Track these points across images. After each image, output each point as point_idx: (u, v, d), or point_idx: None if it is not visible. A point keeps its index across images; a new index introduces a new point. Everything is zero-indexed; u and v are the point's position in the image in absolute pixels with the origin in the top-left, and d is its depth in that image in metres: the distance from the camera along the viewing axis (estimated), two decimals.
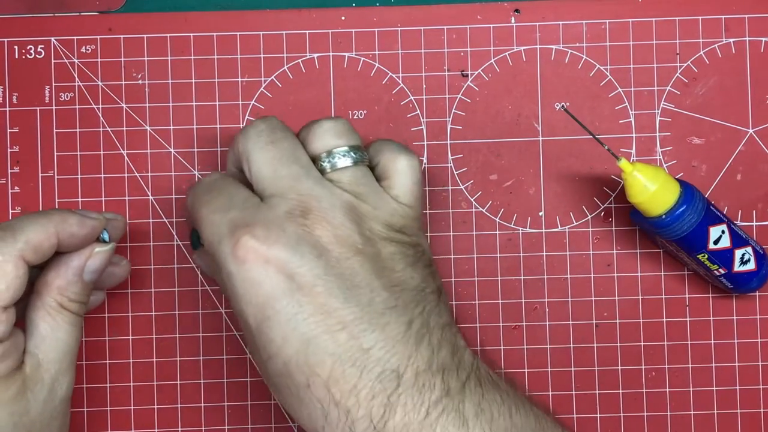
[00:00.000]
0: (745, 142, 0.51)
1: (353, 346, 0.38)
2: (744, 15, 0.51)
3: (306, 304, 0.38)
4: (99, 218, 0.44)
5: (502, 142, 0.51)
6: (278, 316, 0.38)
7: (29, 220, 0.41)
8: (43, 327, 0.43)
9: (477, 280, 0.50)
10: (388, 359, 0.38)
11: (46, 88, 0.51)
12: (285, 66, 0.51)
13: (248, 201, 0.41)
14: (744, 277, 0.48)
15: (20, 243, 0.40)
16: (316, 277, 0.38)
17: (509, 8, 0.51)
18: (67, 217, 0.42)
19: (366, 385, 0.38)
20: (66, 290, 0.43)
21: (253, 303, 0.39)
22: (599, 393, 0.50)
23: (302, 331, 0.38)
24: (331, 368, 0.38)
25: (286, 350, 0.38)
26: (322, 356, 0.38)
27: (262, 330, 0.39)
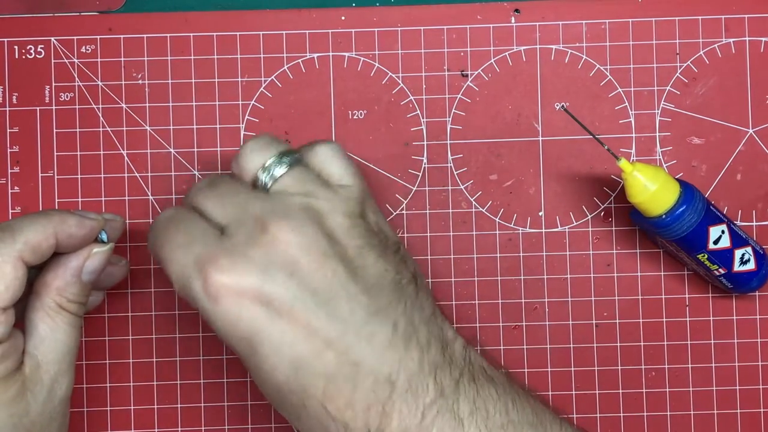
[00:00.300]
0: (745, 142, 0.51)
1: (342, 362, 0.38)
2: (744, 15, 0.51)
3: (288, 331, 0.38)
4: (97, 219, 0.44)
5: (502, 142, 0.51)
6: (263, 347, 0.38)
7: (28, 220, 0.42)
8: (42, 328, 0.43)
9: (477, 280, 0.50)
10: (379, 368, 0.38)
11: (46, 88, 0.51)
12: (285, 66, 0.51)
13: (207, 232, 0.40)
14: (744, 277, 0.48)
15: (19, 244, 0.40)
16: (293, 298, 0.38)
17: (509, 8, 0.51)
18: (66, 217, 0.42)
19: (360, 397, 0.38)
20: (65, 291, 0.43)
21: (237, 338, 0.38)
22: (599, 393, 0.50)
23: (290, 358, 0.38)
24: (324, 388, 0.38)
25: (277, 377, 0.38)
26: (312, 378, 0.38)
27: (250, 360, 0.39)
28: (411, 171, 0.51)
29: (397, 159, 0.51)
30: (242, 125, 0.51)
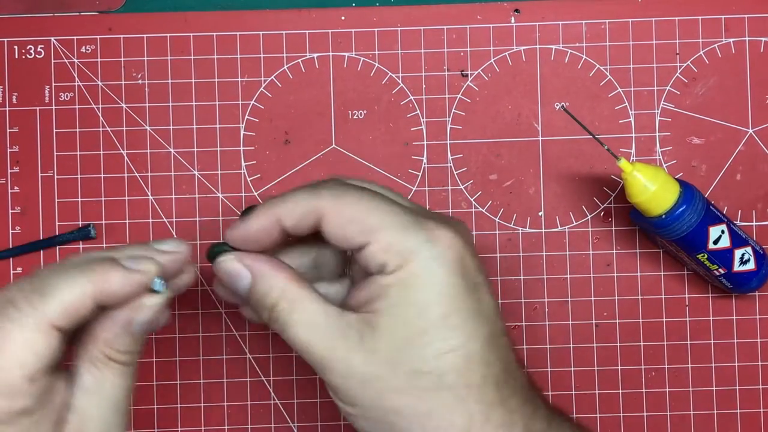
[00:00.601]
0: (745, 142, 0.51)
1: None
2: (744, 15, 0.51)
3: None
4: (148, 269, 0.38)
5: (502, 142, 0.51)
6: None
7: (63, 277, 0.36)
8: (87, 379, 0.38)
9: None
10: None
11: (45, 88, 0.51)
12: (285, 66, 0.51)
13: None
14: (744, 276, 0.48)
15: (51, 308, 0.36)
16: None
17: (509, 8, 0.51)
18: (108, 274, 0.37)
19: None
20: (113, 343, 0.38)
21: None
22: (599, 393, 0.50)
23: None
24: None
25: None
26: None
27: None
28: (411, 171, 0.51)
29: (397, 159, 0.51)
30: (242, 125, 0.51)
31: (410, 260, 0.37)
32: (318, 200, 0.39)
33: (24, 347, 0.35)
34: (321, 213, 0.39)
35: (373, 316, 0.38)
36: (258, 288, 0.39)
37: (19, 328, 0.35)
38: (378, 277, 0.38)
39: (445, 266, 0.38)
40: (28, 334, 0.35)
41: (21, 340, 0.35)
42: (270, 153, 0.51)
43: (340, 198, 0.39)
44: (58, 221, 0.50)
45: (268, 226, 0.40)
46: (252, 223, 0.40)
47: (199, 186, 0.51)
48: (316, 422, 0.50)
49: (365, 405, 0.38)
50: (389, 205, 0.39)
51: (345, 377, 0.38)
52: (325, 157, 0.51)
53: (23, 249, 0.50)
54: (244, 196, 0.51)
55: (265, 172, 0.51)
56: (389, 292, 0.37)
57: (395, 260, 0.37)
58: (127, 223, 0.50)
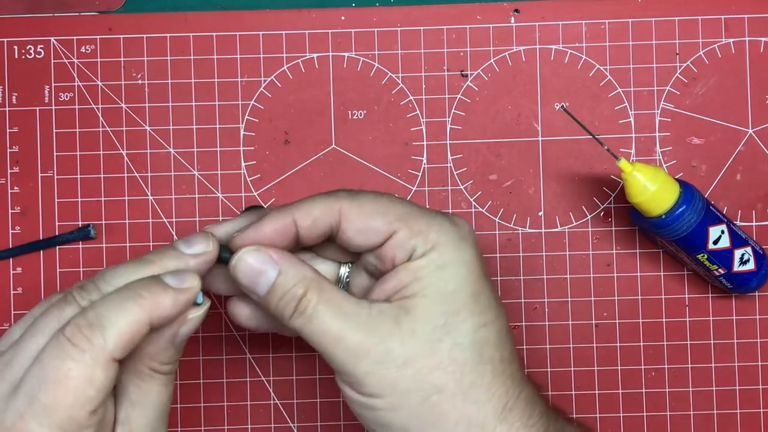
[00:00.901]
0: (745, 142, 0.51)
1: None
2: (744, 15, 0.51)
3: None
4: (193, 285, 0.38)
5: (502, 142, 0.51)
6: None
7: (118, 308, 0.36)
8: (134, 392, 0.39)
9: None
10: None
11: (45, 88, 0.51)
12: (285, 66, 0.51)
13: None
14: (743, 277, 0.48)
15: (110, 343, 0.36)
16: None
17: (509, 8, 0.51)
18: (159, 298, 0.37)
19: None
20: (157, 356, 0.39)
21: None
22: (599, 393, 0.50)
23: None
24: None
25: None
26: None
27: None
28: (411, 171, 0.51)
29: (397, 159, 0.51)
30: (242, 125, 0.51)
31: (440, 243, 0.39)
32: (336, 199, 0.40)
33: (88, 384, 0.35)
34: (340, 211, 0.39)
35: (407, 301, 0.38)
36: (284, 279, 0.39)
37: (82, 366, 0.35)
38: (409, 263, 0.39)
39: (470, 249, 0.39)
40: (90, 371, 0.35)
41: (84, 377, 0.35)
42: (270, 153, 0.51)
43: (357, 197, 0.40)
44: (58, 221, 0.50)
45: (282, 228, 0.40)
46: (266, 226, 0.39)
47: (199, 186, 0.51)
48: (316, 422, 0.50)
49: (401, 390, 0.38)
50: (404, 200, 0.40)
51: (381, 362, 0.38)
52: (325, 157, 0.51)
53: (23, 249, 0.50)
54: (243, 196, 0.51)
55: (265, 172, 0.51)
56: (423, 274, 0.38)
57: (425, 244, 0.39)
58: (127, 223, 0.50)
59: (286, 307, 0.39)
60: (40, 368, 0.36)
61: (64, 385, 0.35)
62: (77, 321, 0.36)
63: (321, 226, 0.40)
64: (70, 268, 0.50)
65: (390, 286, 0.39)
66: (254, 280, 0.39)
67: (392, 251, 0.39)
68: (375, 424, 0.39)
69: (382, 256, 0.40)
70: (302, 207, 0.40)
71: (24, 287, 0.50)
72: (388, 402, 0.38)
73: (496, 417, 0.38)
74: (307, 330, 0.38)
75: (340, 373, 0.39)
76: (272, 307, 0.39)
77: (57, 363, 0.35)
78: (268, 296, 0.39)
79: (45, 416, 0.35)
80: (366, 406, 0.39)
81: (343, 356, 0.38)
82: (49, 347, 0.36)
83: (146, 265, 0.39)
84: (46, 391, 0.35)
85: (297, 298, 0.38)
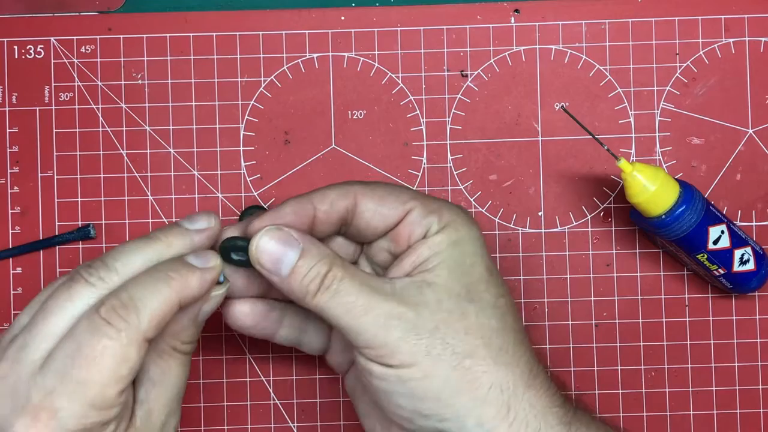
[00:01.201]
0: (745, 142, 0.51)
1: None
2: (744, 15, 0.51)
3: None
4: (216, 263, 0.39)
5: (502, 142, 0.51)
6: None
7: (151, 289, 0.37)
8: (154, 371, 0.39)
9: None
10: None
11: (45, 88, 0.51)
12: (285, 66, 0.51)
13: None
14: (743, 277, 0.48)
15: (144, 323, 0.37)
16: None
17: (509, 8, 0.51)
18: (187, 279, 0.38)
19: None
20: (180, 335, 0.40)
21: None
22: (599, 393, 0.50)
23: None
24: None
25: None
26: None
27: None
28: (411, 171, 0.51)
29: (397, 159, 0.51)
30: (242, 125, 0.51)
31: (453, 221, 0.40)
32: (350, 185, 0.41)
33: (122, 362, 0.36)
34: (356, 195, 0.41)
35: (428, 274, 0.39)
36: (308, 256, 0.39)
37: (118, 345, 0.36)
38: (425, 239, 0.40)
39: (478, 230, 0.41)
40: (125, 350, 0.36)
41: (119, 356, 0.36)
42: (270, 153, 0.51)
43: (369, 184, 0.41)
44: (58, 221, 0.50)
45: (301, 213, 0.40)
46: (286, 210, 0.40)
47: (199, 186, 0.51)
48: (316, 422, 0.50)
49: (434, 355, 0.38)
50: (412, 188, 0.42)
51: (413, 329, 0.38)
52: (325, 157, 0.51)
53: (23, 249, 0.50)
54: (243, 196, 0.51)
55: (265, 172, 0.51)
56: (440, 248, 0.40)
57: (439, 221, 0.40)
58: (127, 223, 0.50)
59: (311, 283, 0.39)
60: (74, 346, 0.36)
61: (99, 362, 0.36)
62: (111, 302, 0.37)
63: (338, 209, 0.40)
64: (70, 268, 0.50)
65: (408, 262, 0.40)
66: (278, 259, 0.39)
67: (409, 228, 0.40)
68: (405, 397, 0.39)
69: (397, 235, 0.41)
70: (318, 192, 0.41)
71: (24, 287, 0.50)
72: (421, 370, 0.38)
73: (524, 383, 0.39)
74: (333, 304, 0.39)
75: (367, 348, 0.38)
76: (295, 286, 0.39)
77: (93, 341, 0.36)
78: (292, 275, 0.39)
79: (77, 392, 0.36)
80: (397, 379, 0.38)
81: (374, 325, 0.38)
82: (82, 326, 0.36)
83: (153, 242, 0.39)
84: (80, 367, 0.36)
85: (322, 275, 0.39)
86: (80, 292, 0.38)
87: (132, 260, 0.38)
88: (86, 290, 0.38)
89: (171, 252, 0.39)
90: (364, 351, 0.39)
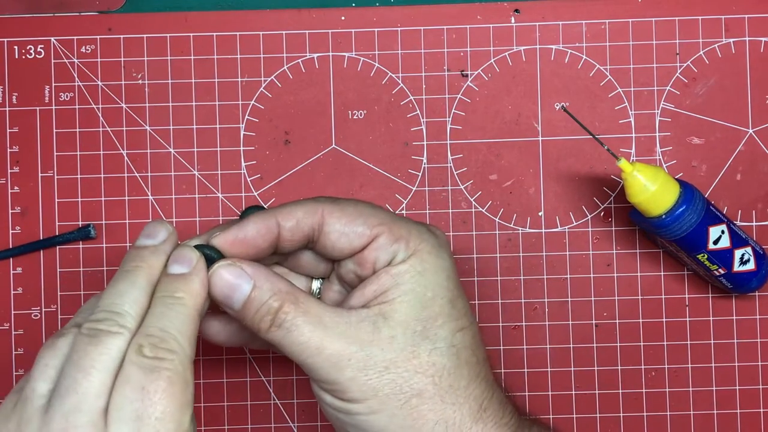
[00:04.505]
0: (745, 142, 0.51)
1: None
2: (744, 15, 0.51)
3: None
4: (197, 257, 0.39)
5: (502, 142, 0.51)
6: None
7: (171, 317, 0.37)
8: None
9: (477, 280, 0.50)
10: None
11: (45, 88, 0.51)
12: (285, 66, 0.51)
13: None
14: (744, 277, 0.48)
15: (187, 347, 0.37)
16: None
17: (509, 8, 0.51)
18: (192, 289, 0.38)
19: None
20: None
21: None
22: (599, 393, 0.50)
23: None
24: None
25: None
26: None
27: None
28: (411, 171, 0.51)
29: (397, 159, 0.51)
30: (242, 125, 0.51)
31: (420, 249, 0.40)
32: (318, 203, 0.40)
33: (184, 389, 0.36)
34: (323, 213, 0.40)
35: (386, 306, 0.39)
36: (258, 293, 0.39)
37: (175, 373, 0.36)
38: (389, 268, 0.39)
39: (447, 256, 0.41)
40: (182, 377, 0.36)
41: (181, 384, 0.36)
42: (270, 153, 0.51)
43: (339, 202, 0.41)
44: (58, 221, 0.50)
45: (264, 229, 0.40)
46: (249, 227, 0.40)
47: (199, 186, 0.51)
48: (316, 422, 0.50)
49: (381, 395, 0.38)
50: (384, 209, 0.41)
51: (363, 369, 0.38)
52: (325, 157, 0.51)
53: (23, 249, 0.50)
54: (244, 196, 0.51)
55: (265, 172, 0.51)
56: (403, 280, 0.39)
57: (406, 249, 0.40)
58: (127, 223, 0.50)
59: (262, 321, 0.39)
60: (137, 391, 0.35)
61: (168, 394, 0.35)
62: (147, 341, 0.36)
63: (303, 228, 0.40)
64: (70, 268, 0.50)
65: (370, 290, 0.40)
66: (229, 294, 0.39)
67: (374, 254, 0.40)
68: (353, 428, 0.39)
69: (363, 260, 0.40)
70: (285, 209, 0.40)
71: (24, 287, 0.50)
72: (369, 406, 0.39)
73: (472, 417, 0.39)
74: (286, 342, 0.39)
75: (320, 382, 0.39)
76: (248, 321, 0.39)
77: (153, 377, 0.35)
78: (243, 310, 0.39)
79: (159, 431, 0.35)
80: (346, 411, 0.39)
81: (325, 365, 0.38)
82: (134, 372, 0.36)
83: (138, 272, 0.38)
84: (153, 406, 0.35)
85: (273, 312, 0.39)
86: (111, 344, 0.36)
87: (133, 298, 0.38)
88: (116, 340, 0.36)
89: (156, 272, 0.39)
90: (315, 383, 0.39)
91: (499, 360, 0.50)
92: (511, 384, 0.50)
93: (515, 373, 0.50)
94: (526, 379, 0.50)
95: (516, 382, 0.50)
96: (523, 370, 0.50)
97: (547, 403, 0.50)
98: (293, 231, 0.40)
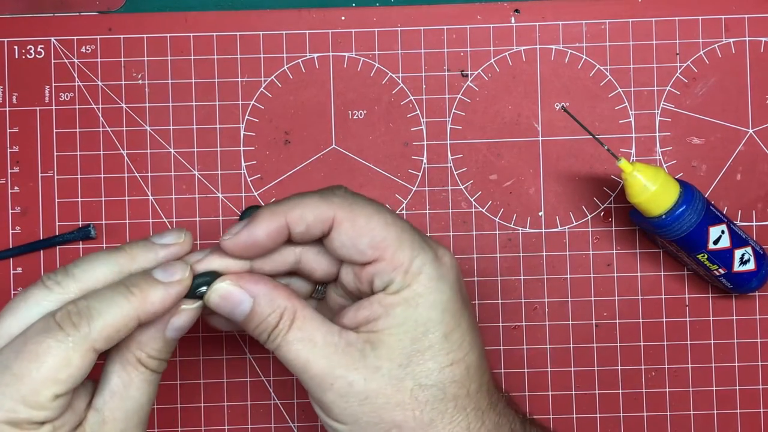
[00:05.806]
0: (745, 142, 0.51)
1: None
2: (744, 15, 0.51)
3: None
4: (184, 277, 0.39)
5: (502, 142, 0.51)
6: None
7: (108, 302, 0.37)
8: (115, 382, 0.39)
9: (477, 280, 0.50)
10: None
11: (46, 88, 0.51)
12: (285, 66, 0.51)
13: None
14: (744, 277, 0.48)
15: (94, 333, 0.36)
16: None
17: (509, 8, 0.51)
18: (148, 294, 0.37)
19: None
20: (146, 346, 0.39)
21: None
22: (599, 393, 0.50)
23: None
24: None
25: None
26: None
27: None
28: (411, 171, 0.51)
29: (397, 159, 0.51)
30: (242, 125, 0.51)
31: (416, 280, 0.38)
32: (330, 207, 0.39)
33: (63, 366, 0.36)
34: (334, 221, 0.39)
35: (376, 335, 0.38)
36: (258, 309, 0.39)
37: (62, 348, 0.36)
38: (381, 296, 0.39)
39: (448, 285, 0.39)
40: (68, 354, 0.36)
41: (61, 358, 0.36)
42: (270, 153, 0.51)
43: (353, 208, 0.39)
44: (58, 221, 0.50)
45: (275, 232, 0.39)
46: (259, 229, 0.39)
47: (199, 186, 0.51)
48: (316, 422, 0.50)
49: (362, 422, 0.38)
50: (398, 221, 0.39)
51: (344, 395, 0.38)
52: (325, 157, 0.51)
53: (23, 249, 0.50)
54: (244, 196, 0.51)
55: (265, 172, 0.51)
56: (394, 312, 0.38)
57: (402, 279, 0.38)
58: (127, 223, 0.50)
59: (261, 334, 0.39)
60: (22, 342, 0.37)
61: (40, 360, 0.36)
62: (67, 307, 0.37)
63: (314, 232, 0.39)
64: None
65: (362, 315, 0.39)
66: (231, 311, 0.39)
67: (372, 276, 0.39)
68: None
69: (361, 276, 0.40)
70: (296, 210, 0.39)
71: (24, 287, 0.50)
72: (351, 430, 0.39)
73: None
74: (280, 355, 0.39)
75: (310, 396, 0.40)
76: (249, 333, 0.40)
77: (39, 339, 0.36)
78: (245, 323, 0.40)
79: (10, 384, 0.36)
80: (333, 428, 0.39)
81: (311, 384, 0.39)
82: (35, 326, 0.37)
83: (116, 253, 0.39)
84: (21, 360, 0.36)
85: (271, 327, 0.39)
86: (35, 295, 0.38)
87: (92, 268, 0.38)
88: (41, 293, 0.38)
89: (134, 265, 0.39)
90: (308, 395, 0.40)
91: (499, 360, 0.50)
92: (511, 384, 0.50)
93: (515, 373, 0.50)
94: (526, 379, 0.50)
95: (516, 382, 0.50)
96: (523, 370, 0.50)
97: (547, 403, 0.50)
98: (303, 235, 0.39)
